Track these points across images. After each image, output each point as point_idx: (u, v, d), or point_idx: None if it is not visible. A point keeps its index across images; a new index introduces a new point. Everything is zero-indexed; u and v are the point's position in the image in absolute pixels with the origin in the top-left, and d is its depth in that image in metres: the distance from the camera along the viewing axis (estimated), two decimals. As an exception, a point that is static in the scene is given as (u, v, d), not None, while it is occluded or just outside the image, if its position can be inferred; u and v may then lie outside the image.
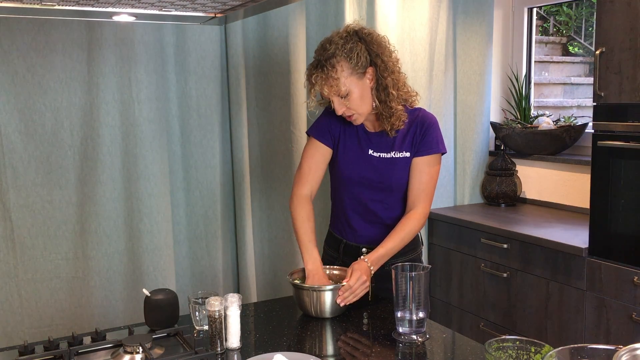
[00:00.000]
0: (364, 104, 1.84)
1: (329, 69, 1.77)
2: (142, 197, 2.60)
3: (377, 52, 1.83)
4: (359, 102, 1.83)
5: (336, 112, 1.85)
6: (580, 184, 2.99)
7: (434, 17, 3.06)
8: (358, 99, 1.82)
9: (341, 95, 1.81)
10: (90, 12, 1.79)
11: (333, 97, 1.81)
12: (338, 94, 1.80)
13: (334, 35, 1.85)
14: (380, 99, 1.84)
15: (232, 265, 2.95)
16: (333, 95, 1.81)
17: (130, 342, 1.50)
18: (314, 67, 1.81)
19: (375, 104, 1.86)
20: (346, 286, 1.74)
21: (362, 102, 1.83)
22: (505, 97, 3.50)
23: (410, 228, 1.88)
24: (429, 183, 1.91)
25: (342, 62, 1.78)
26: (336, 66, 1.78)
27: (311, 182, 1.97)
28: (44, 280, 2.51)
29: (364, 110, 1.85)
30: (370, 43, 1.83)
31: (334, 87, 1.78)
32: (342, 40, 1.81)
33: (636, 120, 2.22)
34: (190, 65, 2.71)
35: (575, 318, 2.46)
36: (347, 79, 1.79)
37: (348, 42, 1.80)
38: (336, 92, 1.79)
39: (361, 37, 1.83)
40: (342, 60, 1.78)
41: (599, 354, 1.12)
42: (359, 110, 1.85)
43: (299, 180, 1.99)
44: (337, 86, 1.78)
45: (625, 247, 2.29)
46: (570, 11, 4.62)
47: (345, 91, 1.80)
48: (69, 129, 2.49)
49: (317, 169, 1.98)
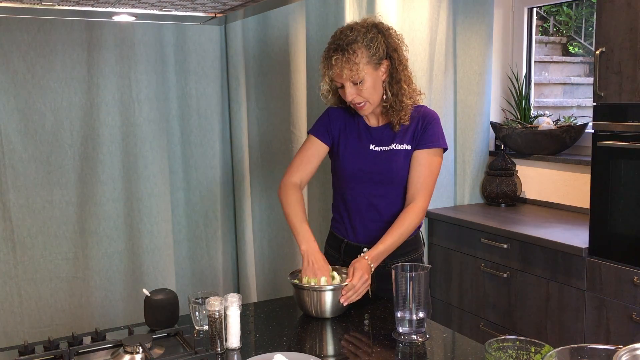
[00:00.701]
0: (376, 93, 1.88)
1: (350, 53, 1.80)
2: (142, 197, 2.60)
3: (394, 47, 1.88)
4: (371, 91, 1.86)
5: (346, 98, 1.87)
6: (580, 184, 2.99)
7: (434, 17, 3.06)
8: (371, 88, 1.86)
9: (356, 82, 1.83)
10: (90, 12, 1.79)
11: (347, 82, 1.84)
12: (354, 79, 1.83)
13: (353, 24, 1.89)
14: (393, 92, 1.89)
15: (232, 265, 2.95)
16: (349, 80, 1.83)
17: (130, 342, 1.50)
18: (333, 50, 1.84)
19: (387, 96, 1.89)
20: (349, 286, 1.74)
21: (374, 91, 1.87)
22: (505, 97, 3.51)
23: (409, 223, 1.88)
24: (428, 177, 1.92)
25: (362, 48, 1.82)
26: (357, 51, 1.81)
27: (301, 172, 2.00)
28: (44, 280, 2.51)
29: (375, 99, 1.89)
30: (388, 37, 1.88)
31: (354, 71, 1.81)
32: (364, 29, 1.85)
33: (636, 120, 2.22)
34: (190, 65, 2.71)
35: (575, 318, 2.46)
36: (365, 66, 1.83)
37: (369, 32, 1.85)
38: (354, 76, 1.82)
39: (380, 30, 1.88)
40: (362, 47, 1.82)
41: (599, 354, 1.12)
42: (371, 99, 1.88)
43: (288, 170, 2.02)
44: (357, 71, 1.81)
45: (625, 247, 2.29)
46: (570, 11, 4.62)
47: (361, 77, 1.83)
48: (69, 129, 2.49)
49: (308, 161, 2.00)
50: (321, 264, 1.81)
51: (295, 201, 1.94)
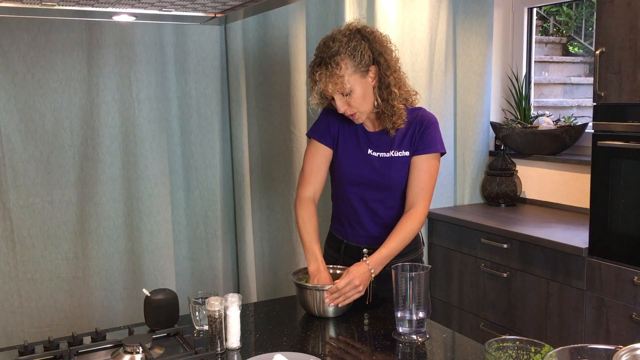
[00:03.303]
0: (367, 102, 1.84)
1: (333, 67, 1.77)
2: (142, 197, 2.59)
3: (379, 51, 1.83)
4: (361, 101, 1.83)
5: (338, 110, 1.84)
6: (580, 184, 2.99)
7: (434, 17, 3.06)
8: (361, 97, 1.82)
9: (344, 93, 1.80)
10: (90, 12, 1.79)
11: (336, 95, 1.81)
12: (342, 91, 1.80)
13: (335, 33, 1.84)
14: (383, 98, 1.85)
15: (232, 265, 2.95)
16: (336, 93, 1.80)
17: (130, 342, 1.50)
18: (317, 65, 1.80)
19: (378, 102, 1.86)
20: (333, 288, 1.73)
21: (364, 100, 1.83)
22: (505, 97, 3.51)
23: (411, 228, 1.87)
24: (428, 182, 1.90)
25: (346, 59, 1.78)
26: (340, 64, 1.77)
27: (313, 183, 1.98)
28: (44, 280, 2.51)
29: (366, 108, 1.85)
30: (372, 42, 1.83)
31: (338, 84, 1.78)
32: (346, 38, 1.80)
33: (636, 120, 2.22)
34: (190, 65, 2.71)
35: (575, 318, 2.46)
36: (350, 76, 1.79)
37: (351, 40, 1.80)
38: (340, 89, 1.79)
39: (364, 35, 1.83)
40: (346, 58, 1.78)
41: (599, 354, 1.12)
42: (361, 109, 1.84)
43: (301, 182, 2.00)
44: (342, 84, 1.78)
45: (625, 247, 2.29)
46: (570, 11, 4.62)
47: (348, 89, 1.79)
48: (69, 129, 2.49)
49: (318, 170, 1.98)
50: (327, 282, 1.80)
51: (307, 218, 1.94)
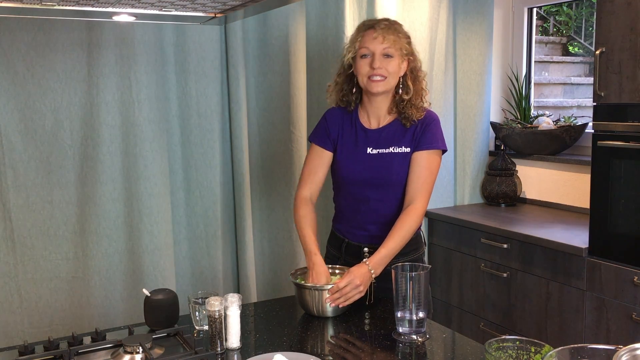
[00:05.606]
0: (396, 77, 1.93)
1: (397, 27, 1.92)
2: (142, 197, 2.60)
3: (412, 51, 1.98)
4: (396, 70, 1.92)
5: (374, 64, 1.89)
6: (580, 184, 2.99)
7: (434, 17, 3.06)
8: (396, 67, 1.91)
9: (389, 54, 1.89)
10: (90, 12, 1.79)
11: (379, 52, 1.88)
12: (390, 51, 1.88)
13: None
14: (416, 89, 1.96)
15: (232, 265, 2.95)
16: (383, 51, 1.88)
17: (130, 342, 1.50)
18: (379, 21, 1.93)
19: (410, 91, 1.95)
20: (334, 287, 1.74)
21: (395, 74, 1.92)
22: (505, 97, 3.50)
23: (410, 225, 1.88)
24: (428, 178, 1.91)
25: (404, 33, 1.95)
26: (401, 32, 1.93)
27: (310, 184, 2.02)
28: (44, 280, 2.51)
29: (392, 82, 1.93)
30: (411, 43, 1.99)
31: (395, 40, 1.88)
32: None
33: (636, 120, 2.22)
34: (190, 65, 2.71)
35: (575, 318, 2.46)
36: (401, 45, 1.91)
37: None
38: (392, 47, 1.88)
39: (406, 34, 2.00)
40: (404, 34, 1.95)
41: (599, 354, 1.12)
42: (391, 78, 1.91)
43: (299, 183, 2.05)
44: (396, 42, 1.89)
45: (625, 247, 2.29)
46: (570, 11, 4.62)
47: (393, 52, 1.89)
48: (69, 129, 2.49)
49: (315, 171, 2.02)
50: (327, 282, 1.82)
51: (303, 215, 1.97)
